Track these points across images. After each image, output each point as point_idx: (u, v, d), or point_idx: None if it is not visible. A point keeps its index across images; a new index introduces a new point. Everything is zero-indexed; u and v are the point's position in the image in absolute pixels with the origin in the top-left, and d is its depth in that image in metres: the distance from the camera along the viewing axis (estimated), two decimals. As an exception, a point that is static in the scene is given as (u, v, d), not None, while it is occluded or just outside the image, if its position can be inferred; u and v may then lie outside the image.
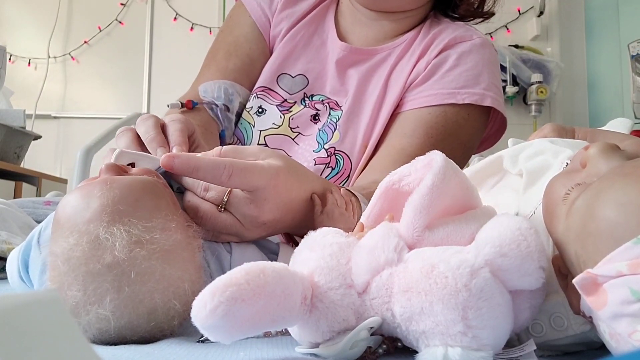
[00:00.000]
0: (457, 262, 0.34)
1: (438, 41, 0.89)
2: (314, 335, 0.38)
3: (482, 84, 0.85)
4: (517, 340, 0.41)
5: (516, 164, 0.52)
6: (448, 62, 0.87)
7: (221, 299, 0.33)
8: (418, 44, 0.91)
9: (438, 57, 0.88)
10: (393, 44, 0.93)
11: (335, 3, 0.99)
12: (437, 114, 0.84)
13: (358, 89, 0.90)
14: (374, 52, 0.93)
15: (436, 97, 0.85)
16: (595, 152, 0.38)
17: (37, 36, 3.03)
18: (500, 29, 2.77)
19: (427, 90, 0.86)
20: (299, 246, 0.43)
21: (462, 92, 0.84)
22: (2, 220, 0.77)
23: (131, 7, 3.04)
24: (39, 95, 2.94)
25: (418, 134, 0.84)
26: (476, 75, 0.86)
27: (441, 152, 0.38)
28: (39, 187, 2.32)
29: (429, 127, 0.84)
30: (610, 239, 0.31)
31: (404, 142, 0.83)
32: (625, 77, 2.52)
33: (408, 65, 0.89)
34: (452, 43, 0.89)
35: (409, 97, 0.87)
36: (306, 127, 0.90)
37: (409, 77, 0.88)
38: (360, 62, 0.92)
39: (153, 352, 0.40)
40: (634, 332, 0.29)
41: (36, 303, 0.22)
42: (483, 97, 0.85)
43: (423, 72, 0.87)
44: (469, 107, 0.85)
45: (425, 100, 0.85)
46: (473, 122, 0.87)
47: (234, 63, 0.94)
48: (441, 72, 0.87)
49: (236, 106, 0.91)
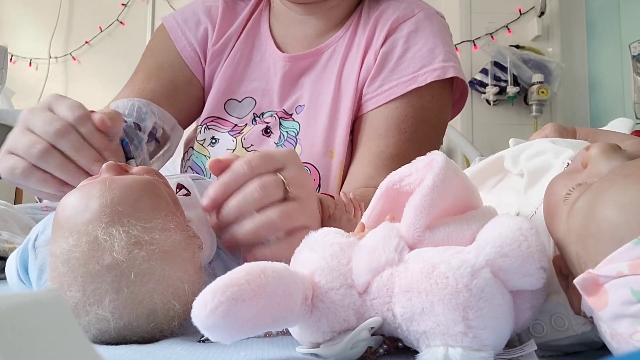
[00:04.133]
0: (457, 262, 0.34)
1: (381, 26, 0.87)
2: (314, 336, 0.38)
3: (439, 57, 0.83)
4: (518, 341, 0.41)
5: (517, 164, 0.52)
6: (397, 47, 0.85)
7: (222, 299, 0.33)
8: (362, 31, 0.88)
9: (385, 45, 0.85)
10: (335, 37, 0.90)
11: (267, 9, 0.97)
12: (404, 107, 0.82)
13: (312, 97, 0.88)
14: (318, 53, 0.90)
15: (397, 88, 0.82)
16: (596, 152, 0.38)
17: (38, 36, 3.03)
18: (501, 29, 2.76)
19: (385, 83, 0.84)
20: (300, 246, 0.43)
21: (422, 72, 0.82)
22: (3, 221, 0.77)
23: (132, 7, 3.04)
24: (40, 95, 2.94)
25: (392, 133, 0.82)
26: (431, 50, 0.83)
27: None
28: (40, 187, 2.32)
29: (400, 122, 0.82)
30: (611, 240, 0.31)
31: (380, 144, 0.82)
32: (627, 78, 2.52)
33: (357, 59, 0.87)
34: (396, 25, 0.86)
35: (369, 94, 0.85)
36: (260, 144, 0.88)
37: (360, 71, 0.86)
38: (308, 68, 0.90)
39: (154, 351, 0.40)
40: (634, 332, 0.29)
41: (38, 303, 0.22)
42: (444, 69, 0.82)
43: (374, 65, 0.85)
44: (431, 86, 0.82)
45: (388, 94, 0.83)
46: (439, 100, 0.85)
47: (153, 85, 0.91)
48: (394, 60, 0.84)
49: (149, 125, 0.83)
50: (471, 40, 2.77)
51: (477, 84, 2.71)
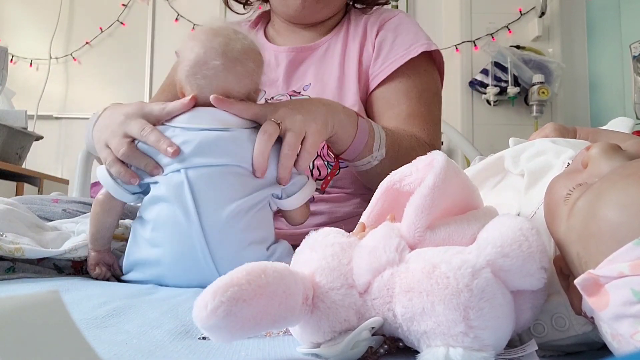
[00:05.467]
0: (458, 262, 0.34)
1: (370, 26, 1.08)
2: (315, 336, 0.38)
3: (422, 38, 1.05)
4: (519, 341, 0.41)
5: (518, 164, 0.52)
6: (389, 36, 1.05)
7: (222, 299, 0.33)
8: (354, 31, 1.09)
9: (379, 36, 1.06)
10: (328, 37, 1.10)
11: (263, 26, 1.18)
12: (405, 80, 1.02)
13: (316, 78, 1.05)
14: (316, 47, 1.09)
15: (397, 61, 1.01)
16: (597, 152, 0.38)
17: (39, 37, 3.03)
18: (501, 29, 2.76)
19: (386, 61, 1.02)
20: (300, 246, 0.43)
21: (412, 48, 1.02)
22: (8, 221, 0.77)
23: (133, 8, 3.04)
24: (41, 96, 2.94)
25: (402, 100, 1.01)
26: (415, 34, 1.06)
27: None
28: (40, 187, 2.33)
29: (406, 92, 1.01)
30: (612, 240, 0.31)
31: (395, 110, 1.00)
32: (627, 78, 2.52)
33: (355, 49, 1.06)
34: (383, 23, 1.08)
35: (375, 72, 1.03)
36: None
37: (360, 58, 1.05)
38: (309, 57, 1.08)
39: (154, 351, 0.40)
40: (635, 332, 0.29)
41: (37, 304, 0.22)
42: (429, 45, 1.04)
43: (373, 52, 1.05)
44: (422, 61, 1.03)
45: (390, 67, 1.01)
46: (431, 72, 1.06)
47: (165, 97, 1.10)
48: (388, 45, 1.04)
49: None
50: (472, 40, 2.77)
51: (478, 85, 2.71)
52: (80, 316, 0.50)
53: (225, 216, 0.68)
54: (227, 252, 0.68)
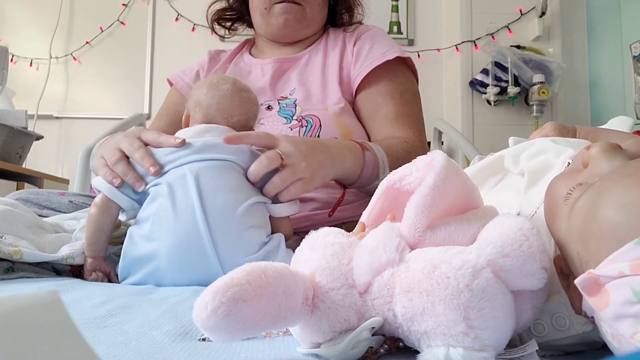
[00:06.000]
0: (459, 262, 0.34)
1: (348, 38, 1.21)
2: (315, 336, 0.38)
3: (395, 47, 1.16)
4: (519, 341, 0.41)
5: (518, 163, 0.52)
6: (366, 43, 1.17)
7: (222, 300, 0.33)
8: (333, 44, 1.21)
9: (357, 45, 1.17)
10: (308, 50, 1.21)
11: (248, 49, 1.31)
12: (387, 83, 1.12)
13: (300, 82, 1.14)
14: (297, 58, 1.20)
15: (374, 61, 1.11)
16: (597, 151, 0.38)
17: (39, 37, 3.03)
18: (502, 29, 2.76)
19: (365, 63, 1.13)
20: (301, 246, 0.43)
21: (388, 53, 1.13)
22: (8, 223, 0.77)
23: (133, 8, 3.04)
24: (41, 95, 2.94)
25: (387, 100, 1.11)
26: (389, 44, 1.17)
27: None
28: (40, 187, 2.32)
29: (390, 92, 1.12)
30: (612, 240, 0.31)
31: (383, 111, 1.11)
32: (627, 78, 2.52)
33: (336, 57, 1.17)
34: (360, 34, 1.20)
35: (355, 72, 1.14)
36: (264, 115, 1.11)
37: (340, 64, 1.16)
38: (292, 66, 1.19)
39: (154, 352, 0.40)
40: (636, 332, 0.29)
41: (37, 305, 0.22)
42: (402, 52, 1.15)
43: (352, 57, 1.16)
44: (398, 66, 1.15)
45: (369, 66, 1.11)
46: (408, 74, 1.18)
47: (164, 122, 1.21)
48: (366, 50, 1.15)
49: None
50: (472, 40, 2.77)
51: (478, 84, 2.71)
52: (79, 316, 0.50)
53: (225, 201, 0.72)
54: (228, 234, 0.71)
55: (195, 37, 2.94)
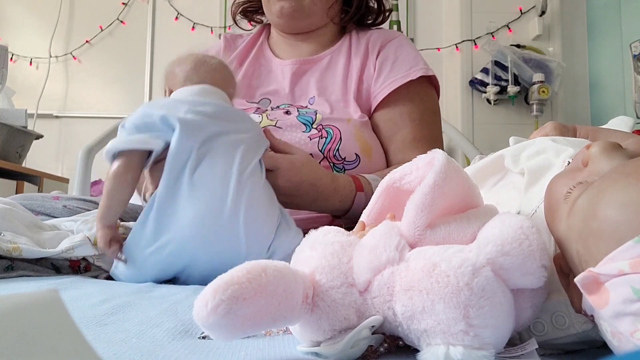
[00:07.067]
0: (458, 261, 0.34)
1: (372, 45, 1.17)
2: (315, 334, 0.38)
3: (421, 62, 1.13)
4: (519, 339, 0.41)
5: (518, 162, 0.52)
6: (390, 56, 1.14)
7: (222, 298, 0.33)
8: (356, 48, 1.17)
9: (380, 56, 1.14)
10: (329, 51, 1.18)
11: (266, 41, 1.28)
12: (408, 103, 1.10)
13: (319, 89, 1.13)
14: (318, 59, 1.18)
15: (396, 80, 1.09)
16: (597, 151, 0.38)
17: (39, 36, 3.03)
18: (502, 28, 2.76)
19: (387, 80, 1.10)
20: (301, 245, 0.43)
21: (412, 70, 1.10)
22: (7, 221, 0.77)
23: (133, 7, 3.04)
24: (41, 94, 2.94)
25: (406, 122, 1.09)
26: (414, 58, 1.14)
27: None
28: (40, 186, 2.32)
29: (409, 113, 1.10)
30: (612, 238, 0.31)
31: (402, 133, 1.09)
32: (627, 77, 2.52)
33: (357, 61, 1.14)
34: (385, 43, 1.17)
35: (376, 90, 1.11)
36: (282, 118, 1.07)
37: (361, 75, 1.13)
38: (311, 69, 1.17)
39: (154, 350, 0.40)
40: (636, 330, 0.29)
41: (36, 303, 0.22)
42: (427, 70, 1.12)
43: (374, 71, 1.13)
44: (422, 84, 1.11)
45: (390, 85, 1.09)
46: (430, 94, 1.15)
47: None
48: (389, 65, 1.12)
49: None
50: (472, 39, 2.77)
51: (478, 84, 2.71)
52: (79, 314, 0.50)
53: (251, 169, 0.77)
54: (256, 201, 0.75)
55: (195, 36, 2.94)
